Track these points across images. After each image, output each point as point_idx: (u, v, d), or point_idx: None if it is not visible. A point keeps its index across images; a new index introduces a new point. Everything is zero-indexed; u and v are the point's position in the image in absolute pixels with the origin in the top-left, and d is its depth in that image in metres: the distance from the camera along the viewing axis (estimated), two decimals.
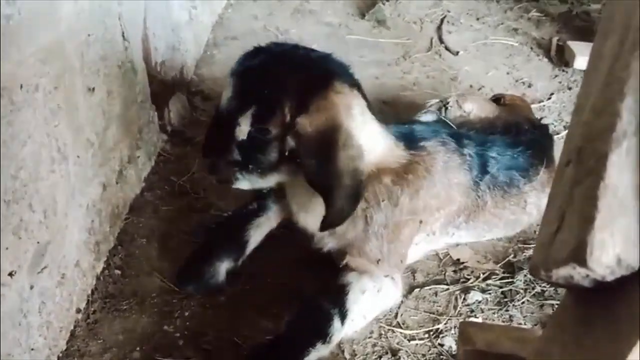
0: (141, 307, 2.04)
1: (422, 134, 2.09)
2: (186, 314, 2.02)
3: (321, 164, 1.77)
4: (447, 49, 3.76)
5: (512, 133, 2.33)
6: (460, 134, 2.20)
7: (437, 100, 2.64)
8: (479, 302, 2.10)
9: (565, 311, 1.00)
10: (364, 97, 1.93)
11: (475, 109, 2.53)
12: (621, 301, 0.85)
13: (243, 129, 1.85)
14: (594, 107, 0.92)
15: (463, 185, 2.13)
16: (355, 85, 1.90)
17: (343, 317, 1.88)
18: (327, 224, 1.84)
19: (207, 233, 2.20)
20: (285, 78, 1.82)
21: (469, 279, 2.19)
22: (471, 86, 3.41)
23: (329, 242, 2.06)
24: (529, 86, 3.44)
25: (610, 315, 0.88)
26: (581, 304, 0.96)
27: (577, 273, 0.85)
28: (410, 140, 2.04)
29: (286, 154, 1.84)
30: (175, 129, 2.87)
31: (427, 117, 2.55)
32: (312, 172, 1.80)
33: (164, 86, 2.78)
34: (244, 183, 1.97)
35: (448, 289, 2.15)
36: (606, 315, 0.89)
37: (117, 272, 2.15)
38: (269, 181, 1.98)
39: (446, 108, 2.55)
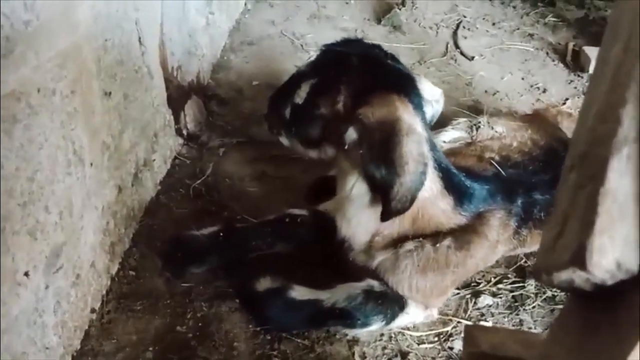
0: (154, 307, 2.06)
1: (478, 194, 2.08)
2: (199, 315, 2.04)
3: (386, 150, 1.78)
4: (462, 54, 3.76)
5: (551, 165, 2.30)
6: (511, 186, 2.19)
7: (465, 120, 2.66)
8: (490, 306, 2.10)
9: (568, 315, 1.00)
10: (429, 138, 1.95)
11: (506, 130, 2.54)
12: (622, 305, 0.85)
13: (301, 94, 1.99)
14: (598, 113, 0.93)
15: (508, 239, 2.16)
16: (420, 114, 1.93)
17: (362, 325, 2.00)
18: (391, 211, 1.83)
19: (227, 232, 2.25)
20: (358, 72, 1.91)
21: (479, 283, 2.20)
22: (486, 91, 3.41)
23: (367, 260, 2.08)
24: (544, 91, 3.43)
25: (612, 319, 0.88)
26: (583, 308, 0.96)
27: (577, 277, 0.85)
28: (465, 200, 2.04)
29: (346, 147, 1.87)
30: (191, 133, 2.89)
31: (453, 134, 2.58)
32: (376, 162, 1.80)
33: (180, 90, 2.81)
34: (285, 141, 2.13)
35: (459, 292, 2.16)
36: (608, 318, 0.89)
37: (132, 273, 2.18)
38: (309, 153, 2.09)
39: (477, 128, 2.56)
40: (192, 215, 2.43)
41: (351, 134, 1.85)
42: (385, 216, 1.85)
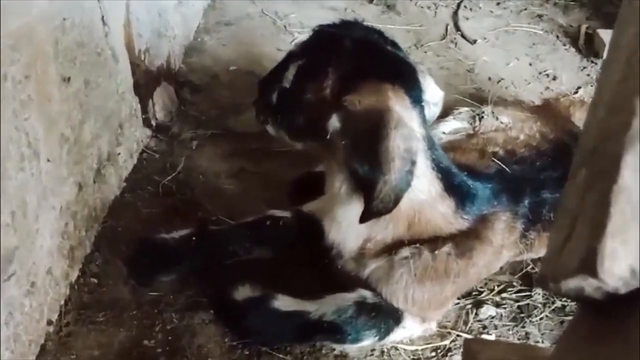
0: (119, 319, 2.06)
1: (481, 195, 2.09)
2: (168, 327, 2.04)
3: (370, 143, 1.78)
4: (463, 37, 3.77)
5: (562, 161, 2.30)
6: (517, 185, 2.20)
7: (468, 109, 2.68)
8: (493, 317, 2.12)
9: (577, 326, 1.01)
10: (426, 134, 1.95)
11: (512, 121, 2.56)
12: (635, 315, 0.87)
13: (288, 77, 2.00)
14: (610, 104, 0.94)
15: (514, 243, 2.18)
16: (418, 110, 1.93)
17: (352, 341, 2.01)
18: (372, 211, 1.83)
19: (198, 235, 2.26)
20: (350, 55, 1.92)
21: (482, 292, 2.22)
22: (490, 78, 3.43)
23: (358, 268, 2.09)
24: (554, 79, 3.46)
25: (624, 331, 0.89)
26: (594, 319, 0.97)
27: (587, 285, 0.86)
28: (467, 202, 2.06)
29: (328, 136, 1.88)
30: (161, 124, 2.90)
31: (454, 124, 2.60)
32: (359, 155, 1.81)
33: (148, 76, 2.81)
34: (272, 130, 2.14)
35: (458, 302, 2.17)
36: (620, 330, 0.90)
37: (94, 280, 2.17)
38: (295, 145, 2.10)
39: (480, 118, 2.58)
40: (162, 216, 2.44)
41: (334, 122, 1.86)
42: (365, 217, 1.85)
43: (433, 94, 2.08)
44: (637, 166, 0.84)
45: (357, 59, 1.92)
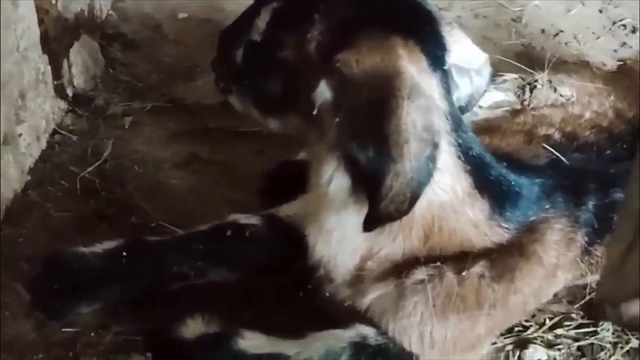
0: None
1: (527, 195, 2.11)
2: None
3: (375, 120, 1.78)
4: None
5: None
6: (578, 181, 2.22)
7: (514, 76, 2.71)
8: None
9: None
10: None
11: (576, 93, 2.58)
12: None
13: (259, 25, 2.01)
14: None
15: (572, 262, 2.19)
16: (439, 76, 1.93)
17: None
18: (380, 215, 1.82)
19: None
20: None
21: (527, 327, 2.24)
22: (543, 31, 3.48)
23: (354, 296, 2.10)
24: (633, 31, 3.50)
25: None
26: None
27: None
28: (508, 205, 2.07)
29: (314, 112, 1.88)
30: (81, 93, 2.93)
31: (494, 95, 2.61)
32: (359, 137, 1.80)
33: (61, 26, 2.82)
34: (235, 101, 2.15)
35: (495, 342, 2.20)
36: None
37: None
38: (267, 122, 2.12)
39: (532, 88, 2.61)
40: (79, 222, 2.46)
41: (323, 92, 1.86)
42: (370, 223, 1.85)
43: (471, 57, 2.07)
44: None
45: (355, 2, 1.93)
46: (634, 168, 1.01)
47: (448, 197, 1.95)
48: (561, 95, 2.57)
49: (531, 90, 2.61)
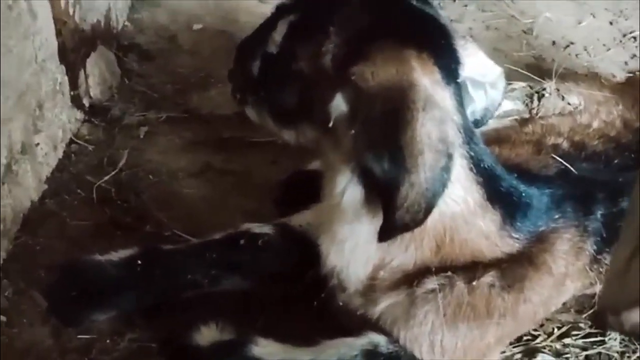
0: None
1: (537, 206, 2.13)
2: None
3: (390, 131, 1.79)
4: None
5: None
6: (587, 190, 2.23)
7: (524, 85, 2.72)
8: None
9: None
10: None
11: (584, 102, 2.59)
12: None
13: (275, 38, 2.03)
14: None
15: (581, 271, 2.21)
16: (452, 88, 1.95)
17: None
18: (396, 225, 1.84)
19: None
20: (360, 9, 1.94)
21: (536, 336, 2.26)
22: (554, 43, 3.49)
23: (367, 305, 2.11)
24: None
25: None
26: None
27: None
28: (518, 215, 2.09)
29: (330, 124, 1.90)
30: (97, 104, 2.94)
31: (503, 105, 2.59)
32: (374, 148, 1.82)
33: (79, 38, 2.84)
34: (251, 112, 2.16)
35: (504, 350, 2.21)
36: None
37: (1, 319, 2.20)
38: (283, 133, 2.13)
39: (540, 97, 2.62)
40: (96, 231, 2.48)
41: (339, 104, 1.88)
42: (385, 233, 1.87)
43: (486, 70, 2.09)
44: None
45: (370, 15, 1.94)
46: (638, 175, 1.02)
47: (460, 209, 1.97)
48: (569, 104, 2.58)
49: (539, 99, 2.62)
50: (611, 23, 3.63)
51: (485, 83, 2.07)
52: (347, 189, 1.96)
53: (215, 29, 3.36)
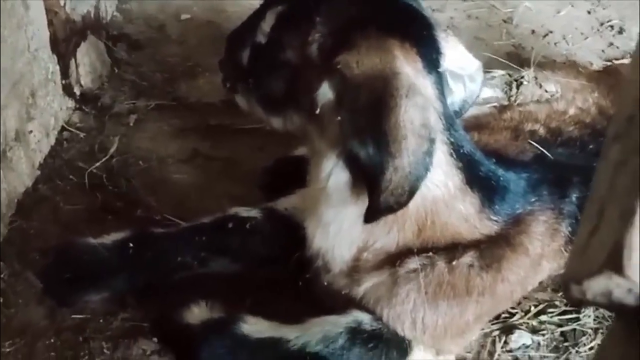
0: (32, 349, 2.13)
1: (514, 190, 2.18)
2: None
3: (374, 118, 1.84)
4: None
5: None
6: (562, 175, 2.28)
7: (503, 73, 2.78)
8: (527, 346, 2.22)
9: (611, 344, 1.09)
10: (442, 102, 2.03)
11: (561, 90, 2.65)
12: None
13: (264, 28, 2.08)
14: None
15: (557, 251, 2.27)
16: (434, 77, 2.00)
17: None
18: (380, 208, 1.89)
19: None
20: (344, 1, 2.01)
21: (513, 314, 2.31)
22: (533, 32, 3.53)
23: (351, 285, 2.16)
24: (620, 32, 3.55)
25: None
26: (630, 333, 1.05)
27: (615, 286, 0.94)
28: (496, 199, 2.14)
29: (317, 111, 1.95)
30: (87, 92, 2.98)
31: (484, 92, 2.62)
32: (360, 134, 1.87)
33: (70, 28, 2.87)
34: (241, 100, 2.21)
35: (483, 328, 2.26)
36: None
37: None
38: (271, 120, 2.18)
39: (518, 85, 2.67)
40: (88, 215, 2.52)
41: (325, 92, 1.93)
42: (370, 215, 1.92)
43: (465, 64, 2.14)
44: None
45: (355, 6, 1.99)
46: (602, 150, 1.08)
47: (441, 193, 2.02)
48: (546, 92, 2.63)
49: (518, 87, 2.66)
50: (589, 12, 3.66)
51: (464, 76, 2.13)
52: (333, 174, 2.01)
53: (202, 19, 3.39)
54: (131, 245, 2.29)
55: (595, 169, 1.10)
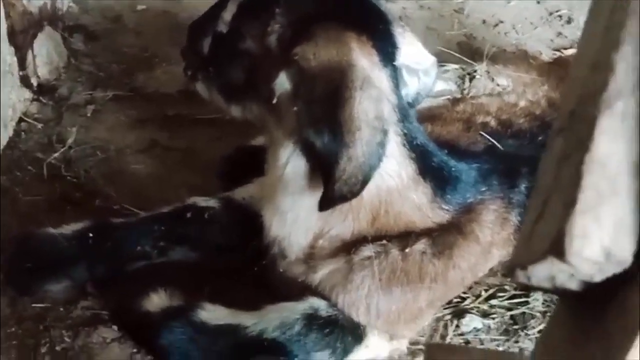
0: None
1: (465, 180, 2.23)
2: (58, 348, 2.14)
3: (330, 108, 1.89)
4: None
5: None
6: (512, 165, 2.34)
7: (455, 67, 2.82)
8: (478, 330, 2.27)
9: (556, 326, 1.15)
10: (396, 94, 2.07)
11: (513, 83, 2.70)
12: (613, 309, 1.00)
13: (225, 17, 2.11)
14: (591, 60, 1.06)
15: (507, 239, 2.31)
16: (389, 71, 2.05)
17: None
18: (334, 196, 1.92)
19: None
20: None
21: (464, 299, 2.36)
22: (484, 22, 3.59)
23: (307, 272, 2.19)
24: (568, 22, 3.62)
25: (603, 327, 1.03)
26: (573, 316, 1.11)
27: (558, 271, 0.99)
28: (448, 189, 2.19)
29: (274, 101, 1.99)
30: (45, 83, 2.99)
31: (438, 85, 2.66)
32: (315, 124, 1.92)
33: (26, 19, 2.87)
34: (201, 87, 2.24)
35: (435, 312, 2.31)
36: (598, 327, 1.04)
37: None
38: (231, 109, 2.21)
39: (471, 78, 2.73)
40: (47, 205, 2.52)
41: (282, 82, 1.97)
42: (325, 203, 1.95)
43: (420, 59, 2.18)
44: (614, 132, 0.97)
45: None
46: (547, 143, 1.12)
47: (394, 182, 2.06)
48: (498, 85, 2.68)
49: (470, 80, 2.72)
50: (538, 2, 3.73)
51: (419, 70, 2.16)
52: (290, 162, 2.06)
53: (158, 9, 3.40)
54: (90, 234, 2.31)
55: (541, 161, 1.15)
